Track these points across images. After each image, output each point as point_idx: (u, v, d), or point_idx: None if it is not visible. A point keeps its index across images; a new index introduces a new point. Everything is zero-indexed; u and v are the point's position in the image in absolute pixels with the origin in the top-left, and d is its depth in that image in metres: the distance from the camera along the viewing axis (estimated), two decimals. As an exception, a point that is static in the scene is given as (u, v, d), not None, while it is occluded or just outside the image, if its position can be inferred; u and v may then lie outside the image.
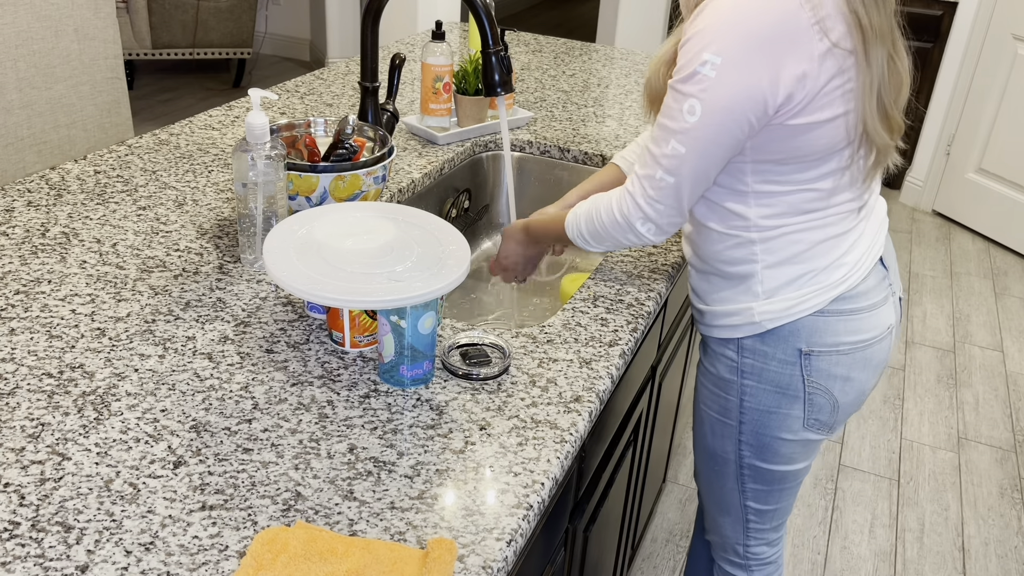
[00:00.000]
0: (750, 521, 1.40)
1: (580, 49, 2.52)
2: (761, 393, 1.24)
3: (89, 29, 2.56)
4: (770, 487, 1.34)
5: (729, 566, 1.48)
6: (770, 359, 1.22)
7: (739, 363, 1.25)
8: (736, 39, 1.01)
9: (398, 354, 1.03)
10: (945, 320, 3.27)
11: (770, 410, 1.25)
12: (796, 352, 1.20)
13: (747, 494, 1.36)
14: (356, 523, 0.86)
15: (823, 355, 1.20)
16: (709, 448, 1.36)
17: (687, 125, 1.06)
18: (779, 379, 1.22)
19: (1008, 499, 2.43)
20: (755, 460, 1.31)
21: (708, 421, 1.34)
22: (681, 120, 1.06)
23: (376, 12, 1.47)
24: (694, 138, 1.06)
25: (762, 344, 1.21)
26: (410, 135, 1.83)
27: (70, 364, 1.05)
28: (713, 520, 1.45)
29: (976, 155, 3.88)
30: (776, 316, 1.19)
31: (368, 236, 1.09)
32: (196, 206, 1.45)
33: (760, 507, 1.37)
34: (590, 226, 1.23)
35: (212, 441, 0.94)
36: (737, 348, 1.24)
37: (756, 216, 1.15)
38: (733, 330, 1.23)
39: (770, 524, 1.41)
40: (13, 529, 0.82)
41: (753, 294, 1.20)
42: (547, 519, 1.07)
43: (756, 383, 1.24)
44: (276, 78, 5.09)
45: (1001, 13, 3.68)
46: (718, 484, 1.38)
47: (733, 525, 1.42)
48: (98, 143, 2.70)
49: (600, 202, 1.21)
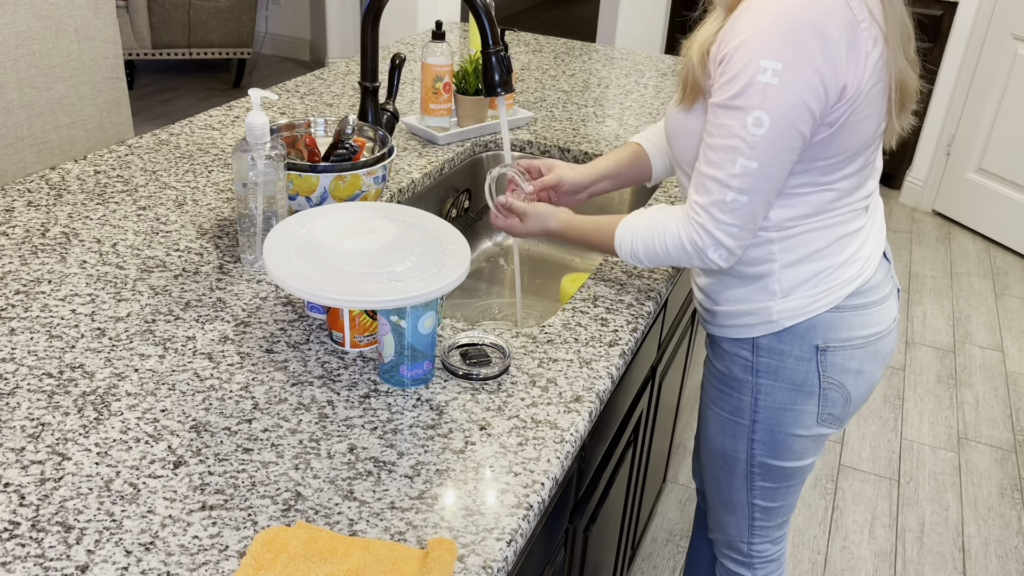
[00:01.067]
0: (756, 519, 1.40)
1: (580, 49, 2.52)
2: (776, 391, 1.25)
3: (89, 29, 2.56)
4: (778, 484, 1.34)
5: (733, 564, 1.48)
6: (786, 357, 1.22)
7: (754, 362, 1.25)
8: (790, 38, 0.99)
9: (398, 354, 1.03)
10: (945, 320, 3.27)
11: (785, 407, 1.25)
12: (813, 349, 1.21)
13: (755, 492, 1.36)
14: (356, 523, 0.86)
15: (839, 350, 1.21)
16: (718, 448, 1.36)
17: (755, 139, 1.03)
18: (795, 376, 1.23)
19: (1008, 499, 2.43)
20: (766, 458, 1.31)
21: (718, 421, 1.34)
22: (746, 135, 1.03)
23: (376, 12, 1.47)
24: (764, 151, 1.04)
25: (778, 342, 1.22)
26: (410, 135, 1.83)
27: (70, 364, 1.05)
28: (718, 519, 1.45)
29: (976, 155, 3.88)
30: (794, 314, 1.19)
31: (368, 236, 1.09)
32: (196, 206, 1.45)
33: (767, 504, 1.37)
34: (649, 251, 1.18)
35: (212, 441, 0.94)
36: (752, 347, 1.24)
37: (777, 217, 1.15)
38: (748, 329, 1.23)
39: (775, 522, 1.41)
40: (13, 529, 0.82)
41: (770, 293, 1.20)
42: (547, 519, 1.07)
43: (772, 381, 1.24)
44: (276, 78, 5.09)
45: (1001, 13, 3.68)
46: (726, 483, 1.38)
47: (738, 523, 1.42)
48: (98, 143, 2.70)
49: (663, 228, 1.16)
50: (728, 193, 1.07)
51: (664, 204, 1.24)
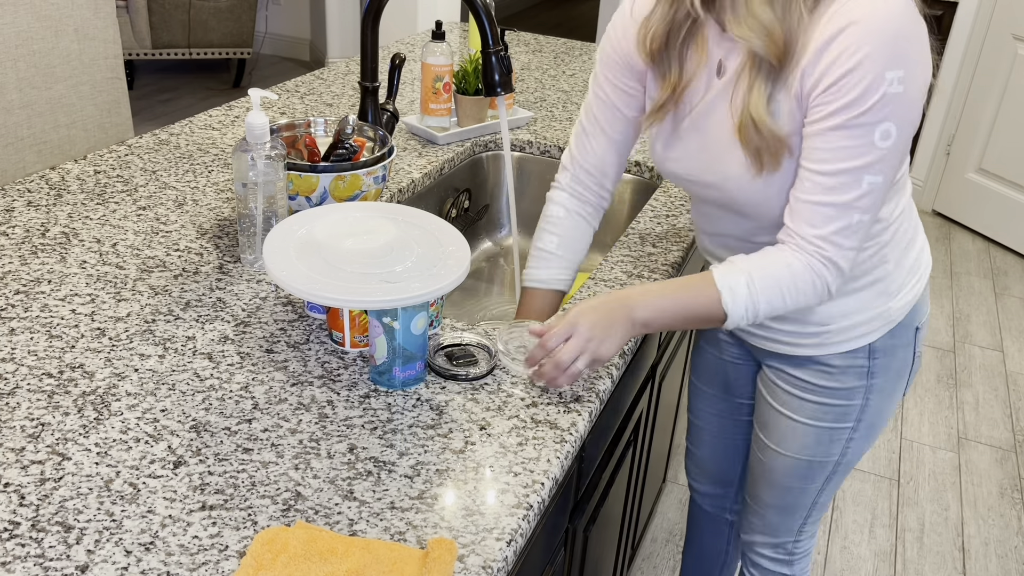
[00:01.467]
0: (811, 516, 1.38)
1: (580, 49, 2.52)
2: (887, 385, 1.24)
3: (89, 29, 2.56)
4: (845, 475, 1.33)
5: (772, 563, 1.45)
6: (897, 349, 1.22)
7: (870, 366, 1.22)
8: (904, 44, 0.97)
9: (391, 356, 1.03)
10: (945, 320, 3.27)
11: (890, 395, 1.25)
12: (914, 331, 1.23)
13: (825, 491, 1.33)
14: (356, 523, 0.86)
15: (925, 324, 1.25)
16: (805, 458, 1.30)
17: (883, 151, 0.99)
18: (902, 365, 1.24)
19: (1008, 499, 2.43)
20: (857, 454, 1.29)
21: (811, 434, 1.28)
22: (874, 150, 0.99)
23: (376, 12, 1.47)
24: (889, 162, 1.01)
25: (891, 338, 1.21)
26: (410, 135, 1.83)
27: (70, 364, 1.05)
28: (769, 522, 1.40)
29: (976, 155, 3.88)
30: (906, 306, 1.20)
31: (368, 236, 1.09)
32: (196, 206, 1.45)
33: (828, 500, 1.36)
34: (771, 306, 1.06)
35: (212, 441, 0.95)
36: (868, 353, 1.21)
37: (886, 213, 1.14)
38: (866, 337, 1.20)
39: (821, 515, 1.40)
40: (13, 529, 0.82)
41: (888, 295, 1.18)
42: (547, 519, 1.07)
43: (883, 380, 1.23)
44: (276, 78, 5.09)
45: (1001, 13, 3.68)
46: (798, 489, 1.33)
47: (793, 523, 1.39)
48: (98, 143, 2.70)
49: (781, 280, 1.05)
50: (854, 215, 1.02)
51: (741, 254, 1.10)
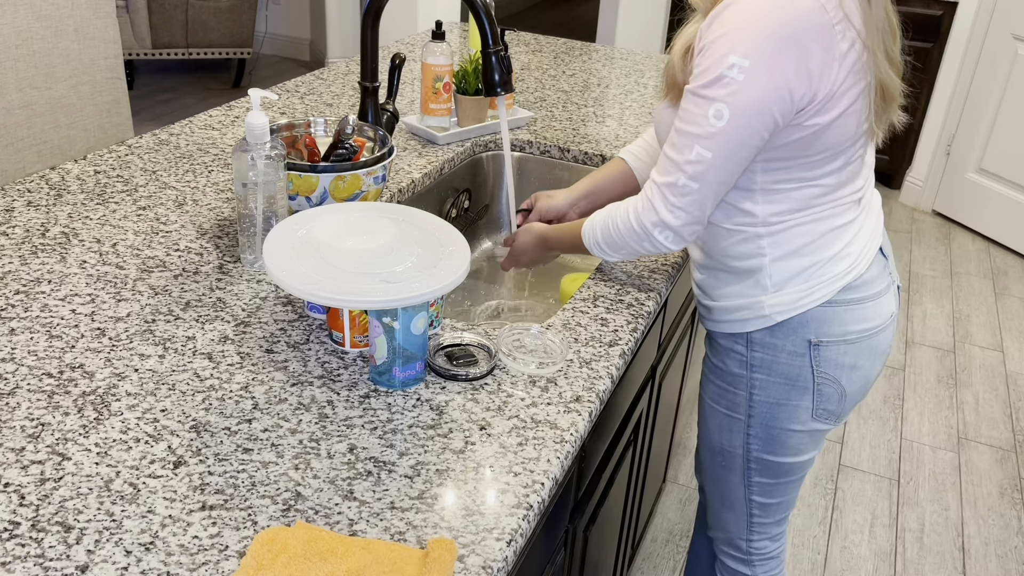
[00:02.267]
0: (754, 515, 1.40)
1: (580, 49, 2.52)
2: (771, 386, 1.26)
3: (89, 29, 2.56)
4: (776, 480, 1.35)
5: (732, 561, 1.49)
6: (780, 351, 1.23)
7: (748, 357, 1.26)
8: (763, 40, 1.01)
9: (391, 356, 1.03)
10: (945, 320, 3.27)
11: (779, 402, 1.26)
12: (806, 343, 1.21)
13: (752, 488, 1.37)
14: (356, 523, 0.86)
15: (832, 345, 1.21)
16: (716, 444, 1.37)
17: (713, 130, 1.05)
18: (789, 371, 1.24)
19: (1008, 499, 2.43)
20: (763, 453, 1.31)
21: (715, 417, 1.35)
22: (706, 125, 1.05)
23: (376, 12, 1.47)
24: (720, 142, 1.06)
25: (771, 337, 1.23)
26: (410, 135, 1.83)
27: (70, 364, 1.05)
28: (716, 516, 1.46)
29: (976, 155, 3.88)
30: (786, 308, 1.20)
31: (368, 236, 1.09)
32: (196, 206, 1.45)
33: (765, 501, 1.38)
34: (607, 235, 1.23)
35: (212, 441, 0.94)
36: (746, 342, 1.25)
37: (763, 213, 1.16)
38: (742, 324, 1.24)
39: (773, 518, 1.41)
40: (13, 529, 0.82)
41: (762, 287, 1.21)
42: (547, 519, 1.07)
43: (766, 376, 1.25)
44: (276, 78, 5.09)
45: (1001, 13, 3.68)
46: (724, 479, 1.39)
47: (737, 520, 1.42)
48: (98, 143, 2.70)
49: (617, 211, 1.21)
50: (680, 176, 1.10)
51: None
